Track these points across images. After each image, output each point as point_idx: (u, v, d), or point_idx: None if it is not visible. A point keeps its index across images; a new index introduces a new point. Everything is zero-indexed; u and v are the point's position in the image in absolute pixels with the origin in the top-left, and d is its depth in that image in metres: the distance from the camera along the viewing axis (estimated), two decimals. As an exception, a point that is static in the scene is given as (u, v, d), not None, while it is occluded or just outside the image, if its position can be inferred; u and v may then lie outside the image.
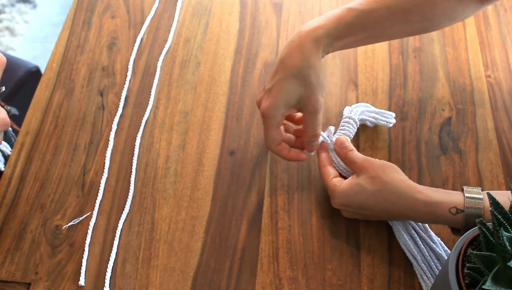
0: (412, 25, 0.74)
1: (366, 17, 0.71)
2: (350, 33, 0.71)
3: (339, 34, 0.71)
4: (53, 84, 0.85)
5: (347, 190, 0.68)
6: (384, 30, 0.73)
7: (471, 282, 0.53)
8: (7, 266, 0.68)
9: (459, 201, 0.65)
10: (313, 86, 0.69)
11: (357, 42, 0.74)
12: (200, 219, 0.73)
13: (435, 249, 0.69)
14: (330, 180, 0.71)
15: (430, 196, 0.65)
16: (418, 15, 0.72)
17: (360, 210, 0.69)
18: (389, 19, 0.72)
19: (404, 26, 0.74)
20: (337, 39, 0.71)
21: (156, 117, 0.82)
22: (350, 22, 0.71)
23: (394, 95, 0.86)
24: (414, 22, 0.73)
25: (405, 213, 0.67)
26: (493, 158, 0.79)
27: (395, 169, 0.68)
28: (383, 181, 0.66)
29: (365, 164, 0.68)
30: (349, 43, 0.73)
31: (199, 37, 0.92)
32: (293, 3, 0.97)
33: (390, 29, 0.73)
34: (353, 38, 0.72)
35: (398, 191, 0.66)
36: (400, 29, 0.74)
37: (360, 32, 0.72)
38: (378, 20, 0.72)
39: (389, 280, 0.69)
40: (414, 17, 0.72)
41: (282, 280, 0.68)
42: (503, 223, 0.50)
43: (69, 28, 0.92)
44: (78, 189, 0.75)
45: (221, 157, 0.79)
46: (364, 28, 0.72)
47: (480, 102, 0.85)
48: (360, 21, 0.71)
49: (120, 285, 0.67)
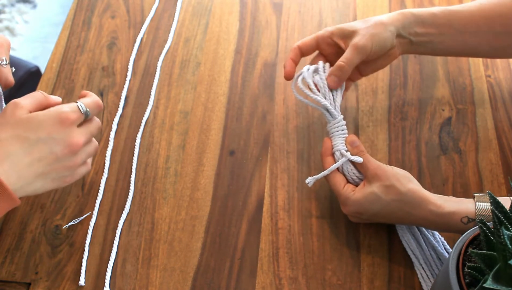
0: (496, 37, 0.75)
1: (452, 14, 0.75)
2: (434, 24, 0.75)
3: (424, 20, 0.74)
4: (53, 84, 0.85)
5: (361, 199, 0.67)
6: (469, 36, 0.75)
7: (471, 281, 0.53)
8: (7, 266, 0.68)
9: (471, 210, 0.64)
10: (369, 33, 0.72)
11: (441, 38, 0.75)
12: (200, 219, 0.73)
13: (437, 248, 0.69)
14: (342, 188, 0.69)
15: (443, 207, 0.65)
16: (500, 26, 0.74)
17: (372, 218, 0.69)
18: (473, 24, 0.74)
19: (488, 36, 0.75)
20: (421, 24, 0.74)
21: (156, 117, 0.82)
22: (436, 13, 0.75)
23: (394, 95, 0.86)
24: (498, 34, 0.75)
25: (418, 223, 0.67)
26: (493, 158, 0.79)
27: (409, 178, 0.67)
28: (399, 191, 0.66)
29: (378, 172, 0.67)
30: (433, 36, 0.75)
31: (199, 37, 0.92)
32: (293, 3, 0.97)
33: (474, 36, 0.75)
34: (437, 30, 0.75)
35: (412, 201, 0.66)
36: (484, 40, 0.76)
37: (444, 27, 0.75)
38: (463, 21, 0.74)
39: (389, 280, 0.69)
40: (497, 27, 0.74)
41: (282, 280, 0.68)
42: (504, 222, 0.50)
43: (69, 28, 0.92)
44: (78, 189, 0.75)
45: (221, 157, 0.79)
46: (449, 24, 0.74)
47: (480, 102, 0.85)
48: (446, 16, 0.75)
49: (120, 285, 0.67)
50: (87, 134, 0.63)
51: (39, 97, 0.62)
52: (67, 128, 0.60)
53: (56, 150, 0.59)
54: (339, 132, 0.71)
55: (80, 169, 0.64)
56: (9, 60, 0.68)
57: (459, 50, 0.79)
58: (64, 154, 0.60)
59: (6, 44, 0.68)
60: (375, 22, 0.73)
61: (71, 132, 0.60)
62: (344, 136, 0.71)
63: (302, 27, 0.93)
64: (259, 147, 0.80)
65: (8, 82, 0.67)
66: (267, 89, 0.86)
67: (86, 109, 0.62)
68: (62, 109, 0.60)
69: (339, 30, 0.75)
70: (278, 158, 0.78)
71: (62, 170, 0.61)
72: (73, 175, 0.63)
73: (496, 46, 0.77)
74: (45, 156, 0.59)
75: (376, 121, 0.83)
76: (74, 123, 0.61)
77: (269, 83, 0.86)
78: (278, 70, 0.88)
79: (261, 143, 0.80)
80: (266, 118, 0.83)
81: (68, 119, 0.60)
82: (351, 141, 0.71)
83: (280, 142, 0.80)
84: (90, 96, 0.64)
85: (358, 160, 0.68)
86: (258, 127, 0.82)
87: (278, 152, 0.79)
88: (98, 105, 0.64)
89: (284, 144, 0.80)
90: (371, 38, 0.72)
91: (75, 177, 0.63)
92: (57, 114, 0.60)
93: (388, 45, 0.74)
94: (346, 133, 0.72)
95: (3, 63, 0.66)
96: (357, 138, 0.71)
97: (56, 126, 0.59)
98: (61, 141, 0.60)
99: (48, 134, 0.59)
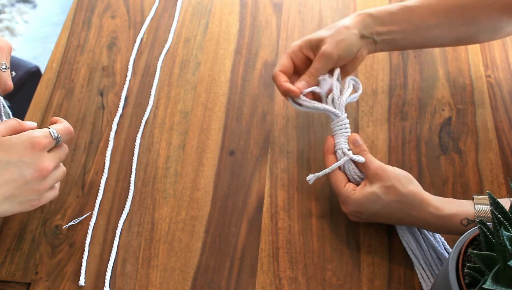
0: (457, 29, 0.76)
1: (410, 11, 0.75)
2: (394, 21, 0.75)
3: (383, 19, 0.75)
4: (53, 84, 0.85)
5: (362, 199, 0.67)
6: (429, 30, 0.75)
7: (471, 282, 0.53)
8: (7, 266, 0.68)
9: (470, 212, 0.64)
10: (334, 40, 0.73)
11: (403, 34, 0.76)
12: (200, 219, 0.73)
13: (437, 248, 0.69)
14: (343, 186, 0.69)
15: (442, 209, 0.65)
16: (460, 17, 0.75)
17: (372, 217, 0.69)
18: (433, 17, 0.75)
19: (449, 29, 0.76)
20: (381, 23, 0.75)
21: (156, 117, 0.82)
22: (393, 12, 0.75)
23: (394, 95, 0.86)
24: (459, 26, 0.75)
25: (417, 224, 0.67)
26: (493, 158, 0.79)
27: (410, 179, 0.67)
28: (399, 192, 0.66)
29: (379, 172, 0.67)
30: (395, 33, 0.75)
31: (199, 37, 0.92)
32: (293, 3, 0.97)
33: (435, 29, 0.76)
34: (398, 27, 0.75)
35: (412, 203, 0.66)
36: (446, 32, 0.76)
37: (404, 23, 0.75)
38: (423, 16, 0.75)
39: (389, 280, 0.69)
40: (457, 19, 0.75)
41: (282, 280, 0.68)
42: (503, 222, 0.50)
43: (69, 28, 0.92)
44: (78, 189, 0.75)
45: (221, 157, 0.79)
46: (409, 20, 0.75)
47: (480, 102, 0.85)
48: (404, 13, 0.75)
49: (120, 285, 0.67)
50: (57, 159, 0.64)
51: (12, 123, 0.64)
52: (38, 153, 0.61)
53: (26, 173, 0.61)
54: (342, 131, 0.72)
55: (48, 194, 0.65)
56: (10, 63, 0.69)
57: (423, 43, 0.80)
58: (34, 178, 0.61)
59: (7, 48, 0.69)
60: (339, 28, 0.75)
61: (42, 157, 0.62)
62: (347, 134, 0.72)
63: (302, 27, 0.94)
64: (259, 147, 0.80)
65: (7, 87, 0.68)
66: (267, 89, 0.86)
67: (58, 135, 0.64)
68: (34, 134, 0.62)
69: (306, 42, 0.76)
70: (278, 158, 0.78)
71: (30, 194, 0.62)
72: (40, 199, 0.64)
73: (458, 37, 0.78)
74: (15, 179, 0.60)
75: (376, 121, 0.83)
76: (45, 148, 0.62)
77: (269, 83, 0.86)
78: (278, 70, 0.88)
79: (261, 143, 0.80)
80: (266, 118, 0.83)
81: (40, 144, 0.61)
82: (353, 140, 0.71)
83: (280, 142, 0.80)
84: (62, 122, 0.66)
85: (360, 159, 0.68)
86: (258, 127, 0.82)
87: (278, 152, 0.79)
88: (69, 132, 0.66)
89: (284, 144, 0.80)
90: (337, 46, 0.73)
91: (41, 201, 0.65)
92: (29, 139, 0.61)
93: (354, 49, 0.75)
94: (349, 132, 0.72)
95: (3, 67, 0.66)
96: (359, 137, 0.71)
97: (27, 150, 0.61)
98: (31, 165, 0.61)
99: (19, 157, 0.60)
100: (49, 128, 0.64)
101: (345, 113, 0.72)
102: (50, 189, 0.65)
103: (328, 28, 0.76)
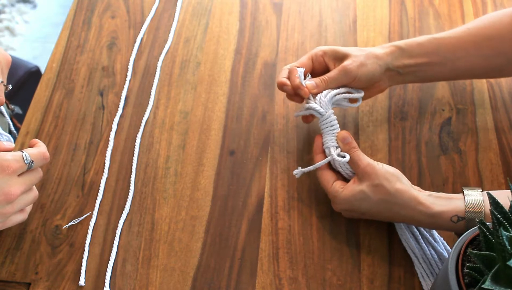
0: (487, 60, 0.76)
1: (438, 42, 0.75)
2: (422, 54, 0.75)
3: (411, 52, 0.75)
4: (53, 84, 0.85)
5: (350, 197, 0.68)
6: (458, 62, 0.76)
7: (471, 282, 0.53)
8: (7, 266, 0.68)
9: (460, 209, 0.64)
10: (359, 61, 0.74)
11: (431, 66, 0.76)
12: (200, 219, 0.73)
13: (437, 247, 0.69)
14: (331, 185, 0.70)
15: (431, 207, 0.65)
16: (489, 49, 0.75)
17: (362, 215, 0.70)
18: (462, 49, 0.75)
19: (479, 60, 0.76)
20: (409, 56, 0.75)
21: (156, 117, 0.82)
22: (422, 43, 0.75)
23: (394, 95, 0.86)
24: (489, 57, 0.75)
25: (408, 222, 0.68)
26: (493, 158, 0.79)
27: (398, 177, 0.67)
28: (387, 190, 0.66)
29: (368, 170, 0.67)
30: (423, 65, 0.76)
31: (199, 37, 0.92)
32: (293, 3, 0.97)
33: (464, 61, 0.76)
34: (426, 59, 0.75)
35: (400, 202, 0.66)
36: (476, 63, 0.76)
37: (433, 55, 0.75)
38: (451, 48, 0.75)
39: (389, 280, 0.69)
40: (486, 50, 0.75)
41: (282, 280, 0.68)
42: (503, 222, 0.50)
43: (69, 28, 0.92)
44: (78, 189, 0.75)
45: (221, 157, 0.79)
46: (436, 52, 0.75)
47: (480, 102, 0.85)
48: (432, 45, 0.75)
49: (120, 285, 0.67)
50: (27, 184, 0.64)
51: None
52: (7, 176, 0.61)
53: None
54: (328, 129, 0.72)
55: (14, 217, 0.65)
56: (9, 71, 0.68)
57: (451, 75, 0.80)
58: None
59: (4, 62, 0.68)
60: (368, 53, 0.75)
61: (10, 181, 0.61)
62: (334, 132, 0.72)
63: (302, 27, 0.94)
64: (259, 147, 0.80)
65: None
66: (267, 89, 0.86)
67: (31, 160, 0.63)
68: (5, 157, 0.61)
69: (332, 51, 0.76)
70: (278, 158, 0.78)
71: None
72: (5, 222, 0.64)
73: (488, 68, 0.78)
74: None
75: (376, 121, 0.83)
76: (15, 172, 0.62)
77: (269, 83, 0.86)
78: (278, 70, 0.88)
79: (261, 143, 0.80)
80: (266, 118, 0.83)
81: (10, 167, 0.61)
82: (342, 138, 0.71)
83: (280, 142, 0.80)
84: (39, 146, 0.66)
85: (343, 160, 0.69)
86: (258, 127, 0.82)
87: (278, 152, 0.79)
88: (43, 157, 0.65)
89: (284, 144, 0.80)
90: (359, 67, 0.73)
91: (7, 224, 0.64)
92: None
93: (375, 79, 0.75)
94: (337, 130, 0.72)
95: None
96: (349, 134, 0.71)
97: None
98: None
99: None
100: (22, 151, 0.63)
101: (331, 110, 0.72)
102: (18, 213, 0.65)
103: (359, 49, 0.76)
